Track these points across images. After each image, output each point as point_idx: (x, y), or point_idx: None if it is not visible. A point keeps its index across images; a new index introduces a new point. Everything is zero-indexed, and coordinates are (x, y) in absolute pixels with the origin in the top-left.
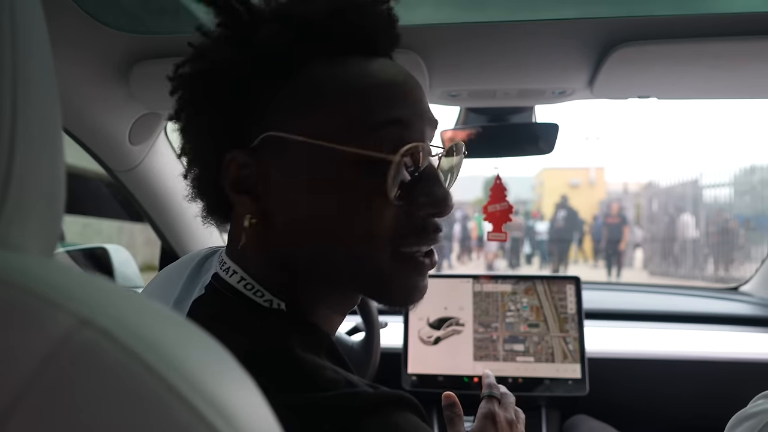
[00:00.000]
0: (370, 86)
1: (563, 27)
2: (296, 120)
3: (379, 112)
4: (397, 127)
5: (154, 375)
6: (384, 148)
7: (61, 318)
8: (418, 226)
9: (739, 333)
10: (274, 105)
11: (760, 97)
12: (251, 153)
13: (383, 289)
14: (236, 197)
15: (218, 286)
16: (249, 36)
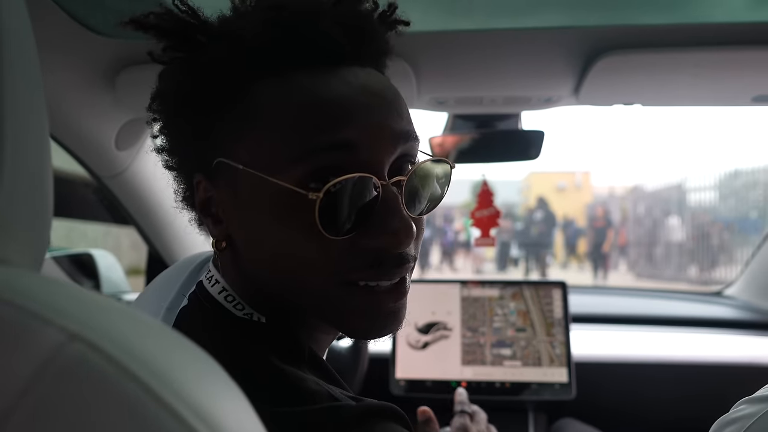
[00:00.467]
0: (302, 107)
1: (549, 35)
2: (238, 146)
3: (308, 138)
4: (334, 152)
5: (141, 387)
6: (321, 176)
7: (49, 333)
8: (371, 260)
9: (723, 336)
10: (224, 129)
11: (739, 105)
12: (210, 177)
13: (340, 322)
14: (204, 219)
15: (200, 295)
16: (196, 57)
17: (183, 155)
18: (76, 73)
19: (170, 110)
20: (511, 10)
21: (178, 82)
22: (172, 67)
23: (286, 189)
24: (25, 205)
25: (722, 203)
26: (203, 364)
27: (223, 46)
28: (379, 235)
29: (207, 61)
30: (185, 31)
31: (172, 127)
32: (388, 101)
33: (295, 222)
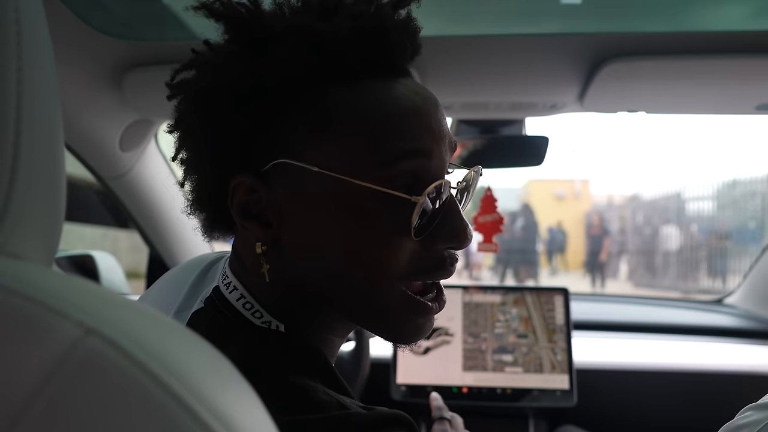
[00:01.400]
0: (387, 116)
1: (555, 42)
2: (310, 148)
3: (396, 144)
4: (417, 159)
5: (158, 383)
6: (402, 181)
7: (66, 327)
8: (437, 259)
9: (724, 344)
10: (286, 130)
11: (743, 113)
12: (261, 178)
13: (388, 327)
14: (243, 222)
15: (217, 301)
16: (261, 53)
17: (219, 154)
18: (82, 74)
19: (214, 108)
20: (516, 16)
21: (232, 77)
22: (226, 60)
23: (371, 191)
24: (39, 202)
25: (720, 213)
26: (220, 364)
27: (299, 45)
28: (448, 236)
29: (281, 58)
30: (252, 23)
31: (212, 124)
32: (443, 112)
33: (377, 224)
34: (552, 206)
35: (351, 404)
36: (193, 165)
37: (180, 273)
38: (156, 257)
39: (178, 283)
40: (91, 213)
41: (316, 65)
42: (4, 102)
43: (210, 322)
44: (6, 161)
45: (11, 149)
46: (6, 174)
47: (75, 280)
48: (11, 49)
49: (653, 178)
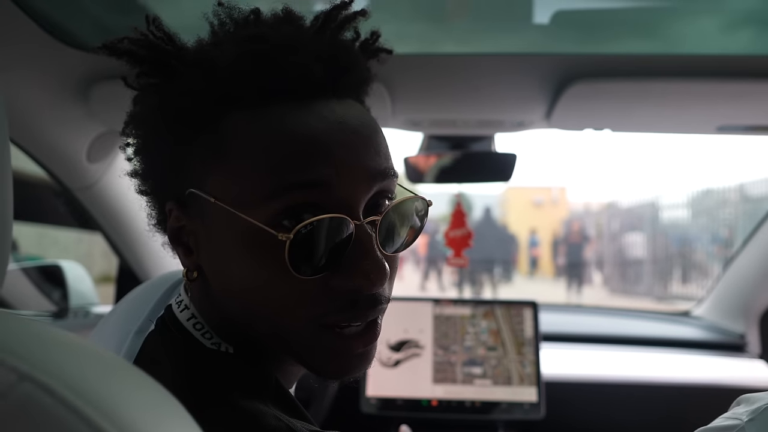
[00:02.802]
0: (277, 144)
1: (522, 61)
2: (210, 178)
3: (284, 175)
4: (309, 190)
5: (93, 429)
6: (290, 214)
7: (0, 373)
8: (344, 301)
9: (690, 356)
10: (196, 159)
11: (704, 133)
12: (182, 206)
13: (308, 362)
14: (175, 247)
15: (168, 321)
16: (171, 85)
17: (155, 181)
18: (48, 86)
19: (143, 136)
20: (485, 35)
21: (151, 108)
22: (146, 92)
23: (256, 226)
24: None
25: (694, 221)
26: (162, 402)
27: (197, 75)
28: (351, 276)
29: (180, 89)
30: (160, 57)
31: (145, 152)
32: (365, 138)
33: (265, 260)
34: (530, 213)
35: (302, 428)
36: (140, 191)
37: (142, 293)
38: (125, 266)
39: (140, 303)
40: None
41: (212, 93)
42: None
43: (159, 345)
44: None
45: None
46: None
47: (12, 319)
48: None
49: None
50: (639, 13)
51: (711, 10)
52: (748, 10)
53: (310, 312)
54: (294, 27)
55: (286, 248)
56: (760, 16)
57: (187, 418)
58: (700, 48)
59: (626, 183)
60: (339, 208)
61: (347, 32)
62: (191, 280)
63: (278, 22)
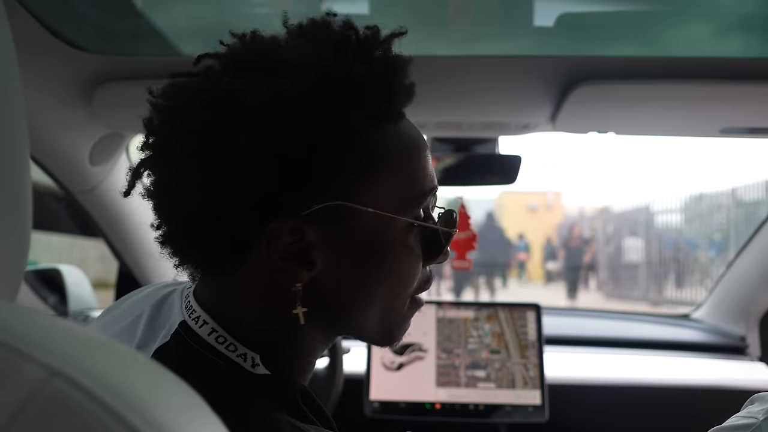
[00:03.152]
0: (414, 156)
1: (528, 64)
2: (355, 190)
3: (423, 182)
4: (433, 193)
5: (125, 425)
6: (425, 213)
7: (30, 369)
8: (429, 275)
9: (691, 359)
10: (329, 174)
11: (707, 136)
12: (306, 220)
13: (392, 332)
14: (289, 265)
15: (186, 336)
16: (301, 100)
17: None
18: (52, 87)
19: (237, 150)
20: (490, 37)
21: (270, 123)
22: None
23: (409, 226)
24: (4, 237)
25: (687, 225)
26: (188, 400)
27: (333, 88)
28: (442, 258)
29: (311, 101)
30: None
31: (243, 170)
32: None
33: (412, 253)
34: (525, 217)
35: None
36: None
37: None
38: (125, 270)
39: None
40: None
41: (363, 111)
42: None
43: (180, 358)
44: None
45: None
46: None
47: (40, 317)
48: None
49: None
50: (643, 16)
51: (714, 13)
52: (751, 14)
53: (415, 290)
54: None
55: (450, 239)
56: (763, 19)
57: (215, 419)
58: (704, 51)
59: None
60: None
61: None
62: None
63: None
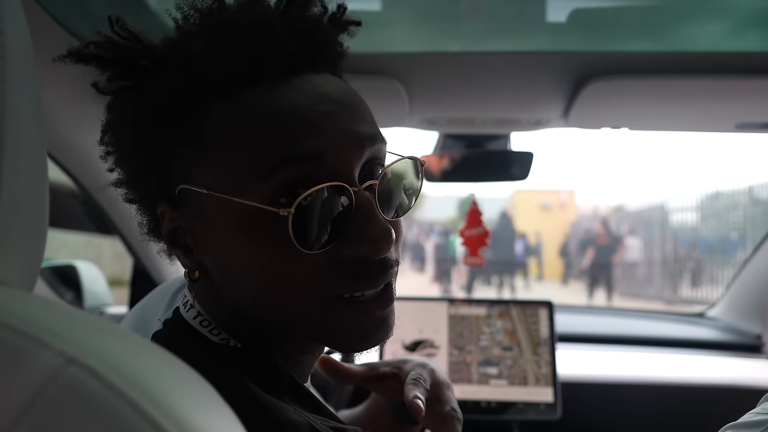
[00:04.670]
0: (261, 123)
1: (540, 60)
2: (199, 170)
3: (273, 152)
4: (301, 164)
5: (138, 412)
6: (287, 191)
7: (46, 357)
8: (355, 270)
9: (707, 357)
10: (182, 155)
11: (723, 131)
12: (175, 206)
13: (326, 338)
14: (172, 250)
15: (175, 320)
16: (144, 84)
17: (143, 186)
18: (65, 84)
19: (123, 142)
20: (502, 33)
21: (128, 112)
22: (120, 96)
23: (255, 208)
24: (22, 225)
25: (703, 224)
26: (199, 388)
27: (171, 70)
28: (357, 243)
29: (155, 87)
30: (129, 57)
31: (127, 159)
32: (349, 106)
33: (269, 241)
34: (538, 216)
35: (322, 426)
36: (128, 200)
37: (150, 301)
38: (140, 267)
39: (151, 310)
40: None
41: (189, 86)
42: None
43: (167, 341)
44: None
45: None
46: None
47: (56, 306)
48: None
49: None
50: (656, 10)
51: (728, 7)
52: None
53: (321, 287)
54: (261, 8)
55: (290, 224)
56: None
57: (227, 407)
58: (719, 46)
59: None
60: (333, 178)
61: (314, 8)
62: (193, 280)
63: (244, 5)
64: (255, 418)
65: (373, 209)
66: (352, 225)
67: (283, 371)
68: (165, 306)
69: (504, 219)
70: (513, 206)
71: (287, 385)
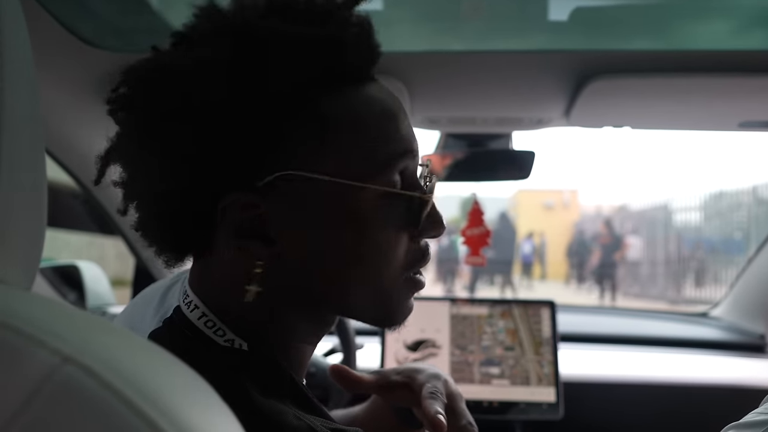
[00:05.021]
0: (379, 119)
1: (541, 58)
2: (315, 158)
3: (390, 146)
4: (407, 158)
5: (134, 411)
6: (399, 180)
7: (43, 355)
8: (423, 250)
9: (710, 357)
10: (286, 142)
11: (726, 130)
12: (259, 194)
13: (388, 314)
14: (246, 242)
15: (177, 320)
16: (248, 64)
17: (201, 176)
18: (69, 84)
19: (191, 121)
20: (503, 32)
21: (212, 89)
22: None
23: (379, 193)
24: (19, 223)
25: (707, 224)
26: (197, 387)
27: (293, 54)
28: (432, 228)
29: (275, 70)
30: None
31: (191, 146)
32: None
33: (385, 224)
34: (541, 216)
35: (322, 428)
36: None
37: (140, 301)
38: (142, 266)
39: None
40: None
41: (311, 74)
42: None
43: (170, 342)
44: None
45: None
46: None
47: (54, 305)
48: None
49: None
50: (659, 9)
51: (731, 6)
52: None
53: (405, 267)
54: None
55: (427, 206)
56: None
57: (224, 406)
58: (722, 44)
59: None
60: (418, 172)
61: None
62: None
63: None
64: (253, 421)
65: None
66: (431, 213)
67: (285, 374)
68: (155, 306)
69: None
70: (515, 206)
71: (288, 388)
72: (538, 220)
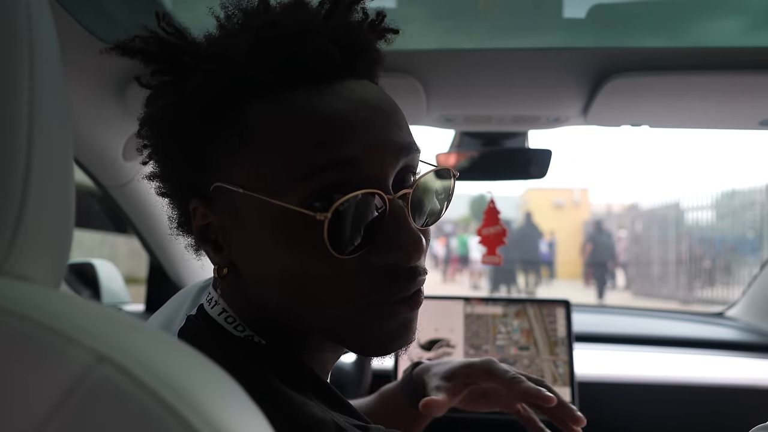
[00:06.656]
0: (302, 127)
1: (559, 56)
2: (236, 169)
3: (312, 157)
4: (338, 170)
5: (169, 411)
6: (321, 195)
7: (78, 354)
8: (385, 277)
9: (726, 358)
10: (219, 152)
11: (746, 128)
12: (208, 203)
13: (350, 340)
14: (202, 246)
15: (200, 317)
16: (186, 81)
17: (176, 181)
18: (85, 83)
19: (161, 136)
20: (519, 30)
21: (168, 107)
22: (161, 91)
23: (290, 211)
24: (50, 222)
25: (719, 222)
26: (230, 389)
27: (214, 68)
28: (389, 250)
29: (197, 84)
30: (172, 53)
31: (163, 153)
32: (387, 114)
33: (303, 244)
34: (551, 215)
35: (346, 423)
36: (161, 194)
37: (174, 303)
38: (156, 265)
39: (174, 312)
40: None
41: (231, 85)
42: (15, 122)
43: (192, 337)
44: (17, 182)
45: (22, 170)
46: (17, 195)
47: (84, 303)
48: (23, 68)
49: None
50: (677, 6)
51: (750, 2)
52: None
53: (352, 292)
54: (305, 11)
55: (325, 228)
56: None
57: (253, 406)
58: (741, 40)
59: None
60: (368, 185)
61: (355, 14)
62: (222, 277)
63: (288, 8)
64: (280, 415)
65: (405, 217)
66: (385, 232)
67: (306, 368)
68: (187, 307)
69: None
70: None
71: (311, 382)
72: (549, 218)
